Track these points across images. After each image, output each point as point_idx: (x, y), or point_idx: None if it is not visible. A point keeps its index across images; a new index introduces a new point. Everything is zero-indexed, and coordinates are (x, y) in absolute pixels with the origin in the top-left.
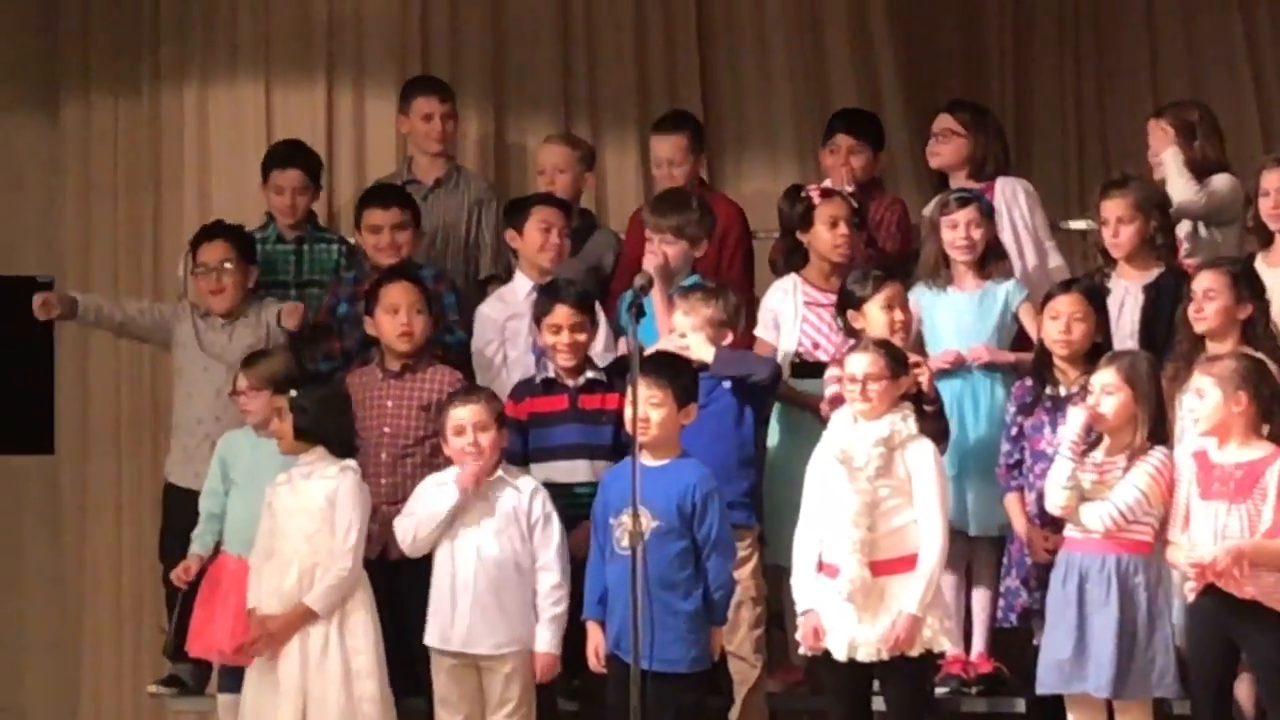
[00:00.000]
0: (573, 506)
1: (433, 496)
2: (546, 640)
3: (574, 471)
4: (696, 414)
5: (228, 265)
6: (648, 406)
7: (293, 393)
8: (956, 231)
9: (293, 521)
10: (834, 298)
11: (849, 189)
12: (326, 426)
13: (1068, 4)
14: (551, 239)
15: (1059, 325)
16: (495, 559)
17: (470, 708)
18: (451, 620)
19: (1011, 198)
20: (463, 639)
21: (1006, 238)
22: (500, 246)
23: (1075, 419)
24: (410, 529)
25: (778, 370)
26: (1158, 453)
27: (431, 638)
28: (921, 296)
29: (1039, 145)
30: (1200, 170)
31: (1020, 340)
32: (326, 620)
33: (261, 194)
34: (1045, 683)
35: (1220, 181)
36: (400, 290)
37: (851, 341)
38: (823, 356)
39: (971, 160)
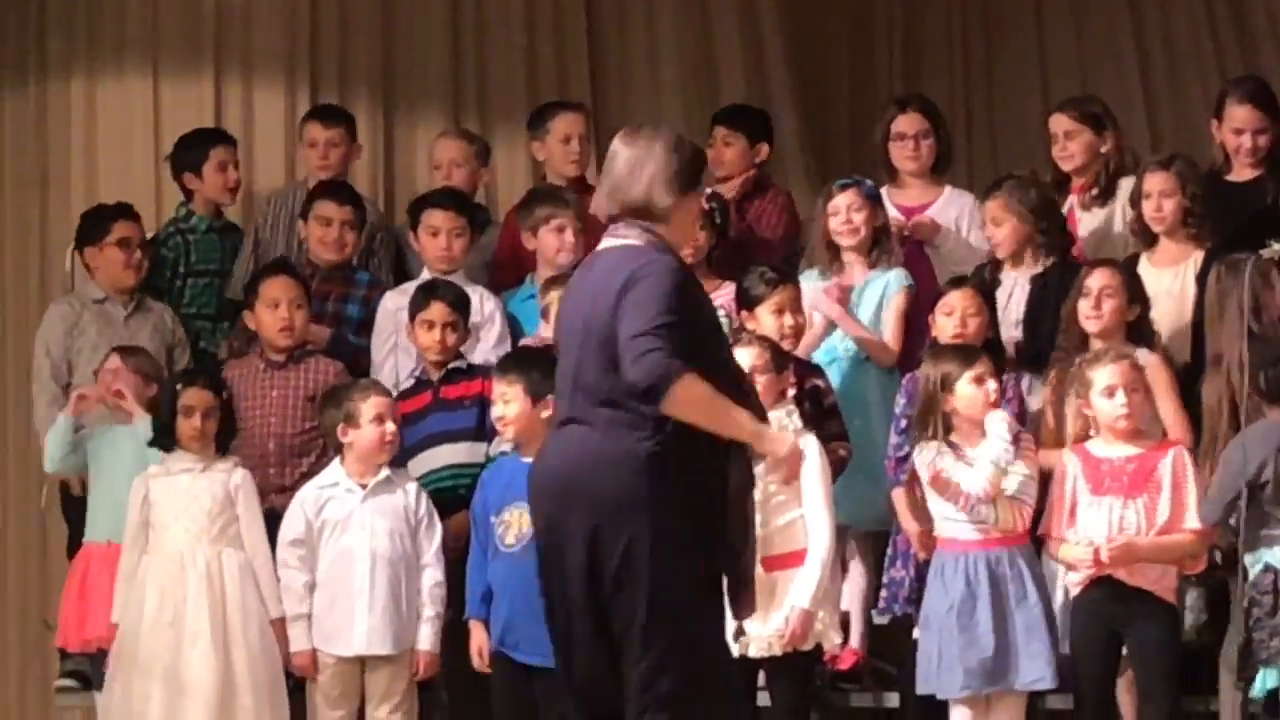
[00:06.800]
0: (435, 494)
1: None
2: (427, 637)
3: (434, 458)
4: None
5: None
6: (500, 404)
7: (225, 394)
8: (838, 217)
9: (186, 515)
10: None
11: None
12: (232, 427)
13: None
14: (439, 243)
15: (953, 320)
16: (390, 559)
17: (351, 703)
18: (350, 622)
19: (963, 212)
20: (364, 641)
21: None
22: (389, 280)
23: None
24: None
25: None
26: (1027, 437)
27: (324, 641)
28: (809, 285)
29: None
30: (1117, 166)
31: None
32: (217, 610)
33: (147, 188)
34: (966, 684)
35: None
36: (280, 284)
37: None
38: None
39: (939, 159)
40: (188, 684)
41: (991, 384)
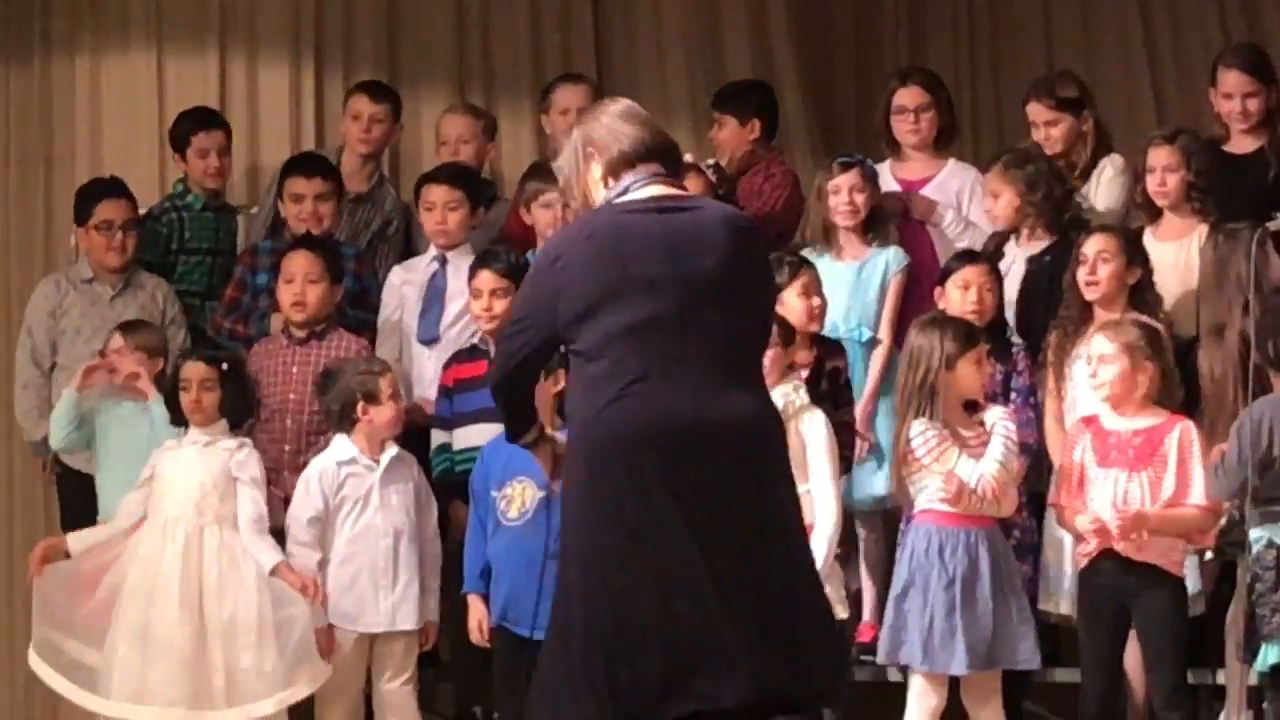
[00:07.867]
0: (469, 472)
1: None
2: (432, 609)
3: (482, 434)
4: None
5: (126, 225)
6: None
7: (225, 366)
8: (840, 197)
9: (179, 487)
10: None
11: (710, 162)
12: (242, 401)
13: None
14: (434, 216)
15: (969, 295)
16: (410, 535)
17: (363, 679)
18: (374, 599)
19: (965, 187)
20: (390, 617)
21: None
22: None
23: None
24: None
25: None
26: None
27: (342, 618)
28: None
29: None
30: (1094, 144)
31: None
32: (192, 585)
33: (152, 164)
34: (972, 663)
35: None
36: (296, 259)
37: None
38: None
39: (942, 133)
40: (163, 653)
41: (988, 367)
